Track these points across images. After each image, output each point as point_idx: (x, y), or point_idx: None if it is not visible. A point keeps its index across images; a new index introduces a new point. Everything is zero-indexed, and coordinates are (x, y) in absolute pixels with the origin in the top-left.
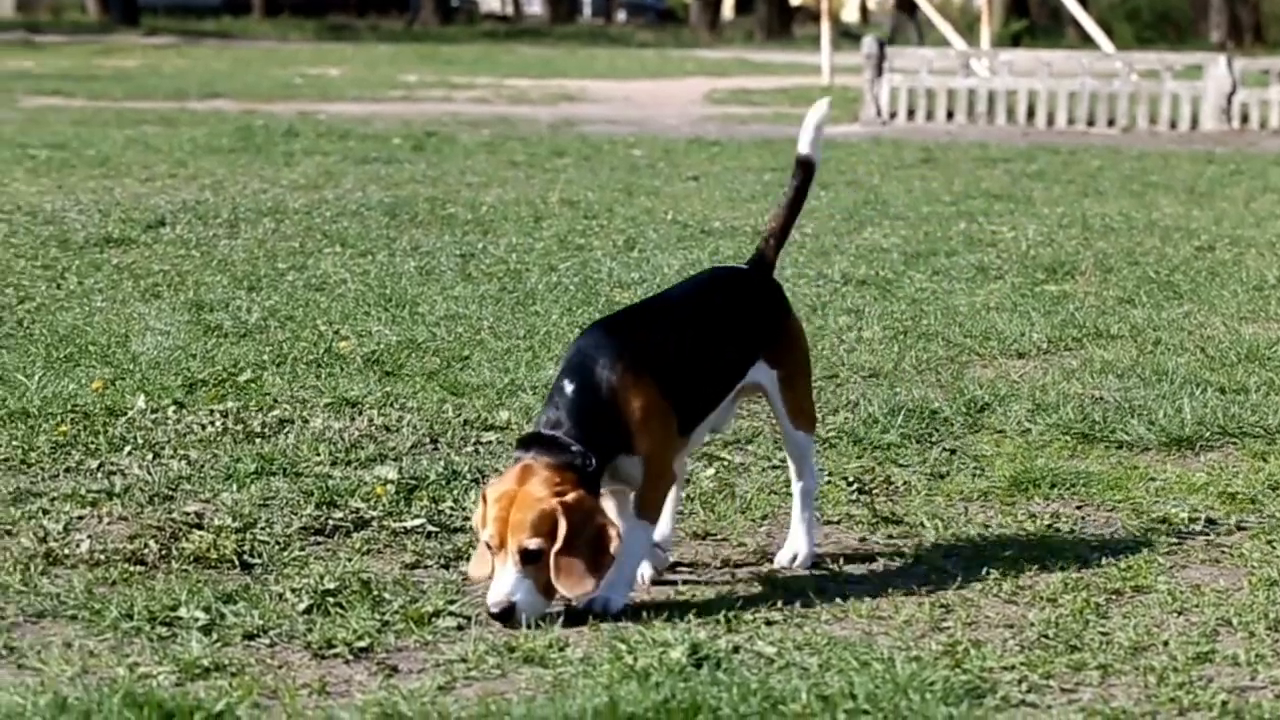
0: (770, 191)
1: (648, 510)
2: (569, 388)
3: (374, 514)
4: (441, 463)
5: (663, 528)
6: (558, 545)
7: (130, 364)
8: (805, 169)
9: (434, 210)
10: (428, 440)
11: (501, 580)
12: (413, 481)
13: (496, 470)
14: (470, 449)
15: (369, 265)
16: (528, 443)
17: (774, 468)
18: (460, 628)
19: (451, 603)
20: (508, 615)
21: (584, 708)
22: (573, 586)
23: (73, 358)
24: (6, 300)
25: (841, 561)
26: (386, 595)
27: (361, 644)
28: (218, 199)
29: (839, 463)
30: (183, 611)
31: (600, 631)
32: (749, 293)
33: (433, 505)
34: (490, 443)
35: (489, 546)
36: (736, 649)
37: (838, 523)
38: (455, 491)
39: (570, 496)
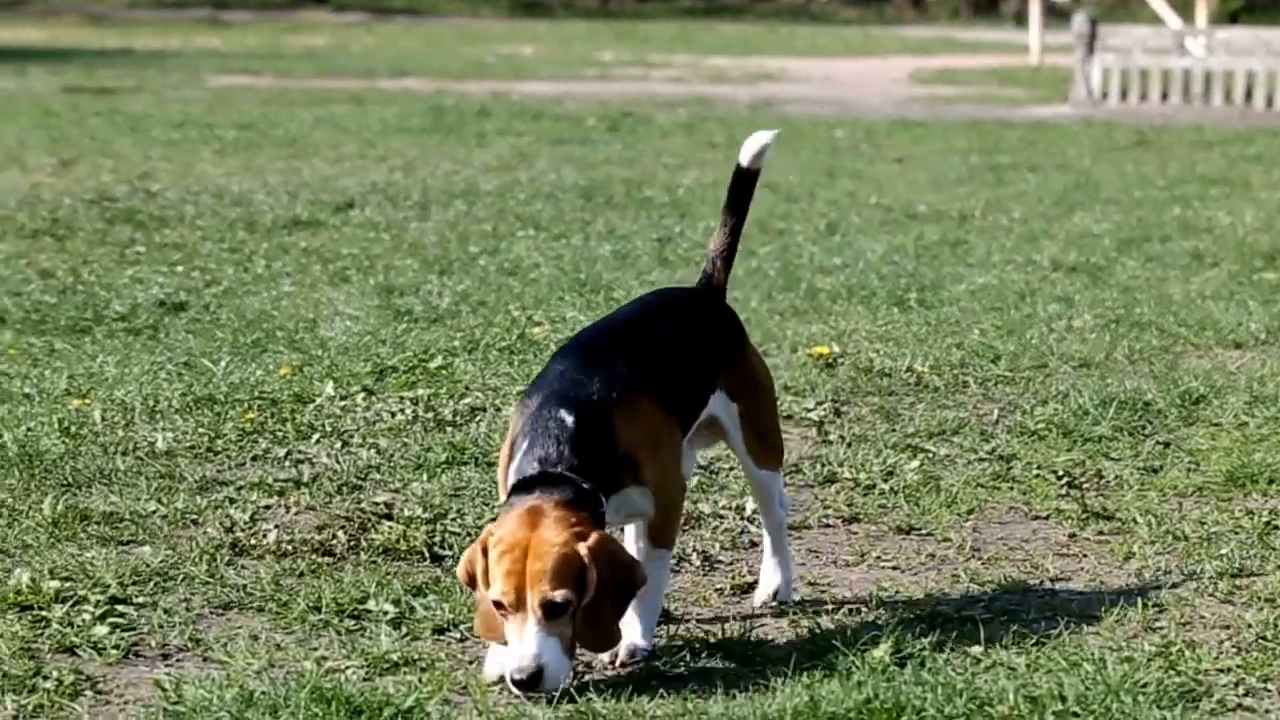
0: (976, 175)
1: (665, 539)
2: (566, 418)
3: None
4: None
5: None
6: (588, 597)
7: (319, 349)
8: (744, 180)
9: (629, 193)
10: None
11: (525, 642)
12: None
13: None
14: None
15: (563, 249)
16: (529, 484)
17: (980, 460)
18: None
19: None
20: (535, 682)
21: (784, 707)
22: (603, 642)
23: (260, 343)
24: (193, 284)
25: (1050, 558)
26: None
27: None
28: (408, 180)
29: (1048, 455)
30: (371, 604)
31: (800, 629)
32: (703, 317)
33: None
34: None
35: (500, 606)
36: (941, 647)
37: (1046, 518)
38: None
39: (593, 539)
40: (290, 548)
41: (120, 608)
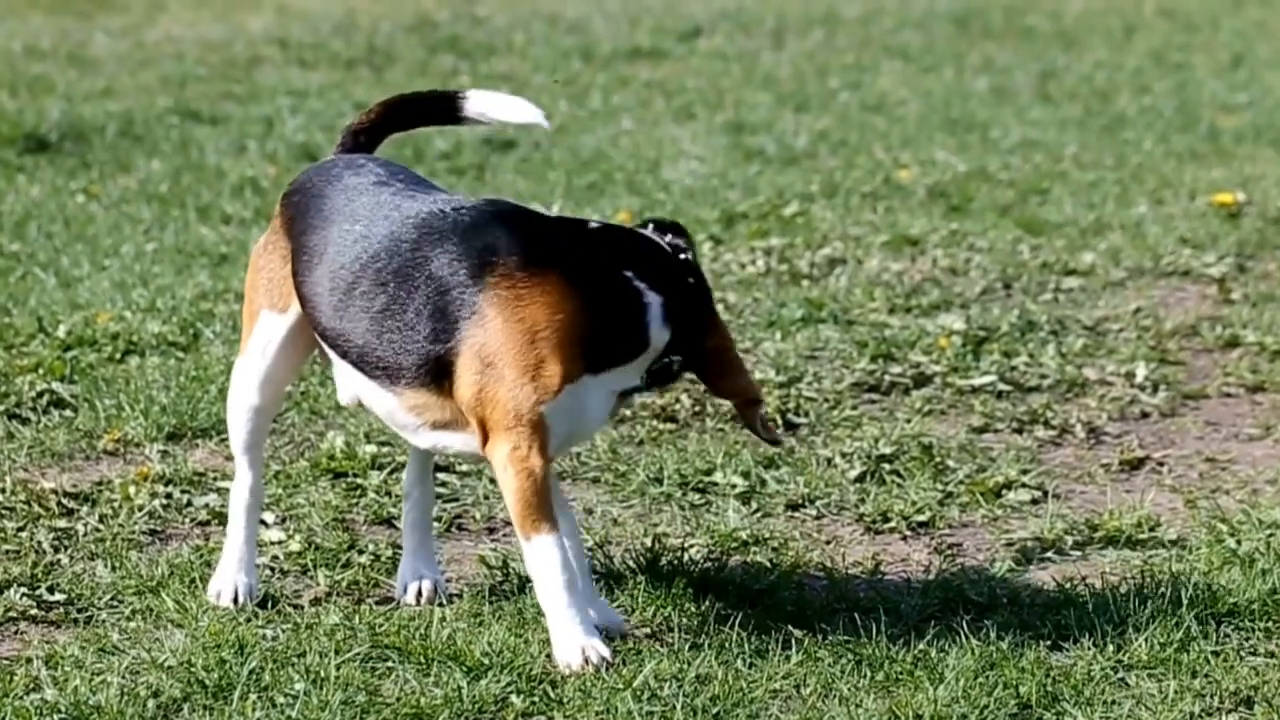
0: None
1: None
2: None
3: (937, 369)
4: (1015, 311)
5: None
6: None
7: (661, 193)
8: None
9: (1009, 20)
10: (1000, 285)
11: None
12: (982, 332)
13: (1078, 321)
14: (1049, 296)
15: (933, 83)
16: None
17: None
18: (1034, 502)
19: (1025, 472)
20: None
21: (1175, 597)
22: None
23: (596, 186)
24: None
25: None
26: (950, 462)
27: (920, 518)
28: (761, 6)
29: None
30: (718, 476)
31: (1198, 510)
32: None
33: (1004, 360)
34: (1072, 290)
35: None
36: None
37: None
38: (1030, 345)
39: None
40: (629, 413)
41: (441, 475)
